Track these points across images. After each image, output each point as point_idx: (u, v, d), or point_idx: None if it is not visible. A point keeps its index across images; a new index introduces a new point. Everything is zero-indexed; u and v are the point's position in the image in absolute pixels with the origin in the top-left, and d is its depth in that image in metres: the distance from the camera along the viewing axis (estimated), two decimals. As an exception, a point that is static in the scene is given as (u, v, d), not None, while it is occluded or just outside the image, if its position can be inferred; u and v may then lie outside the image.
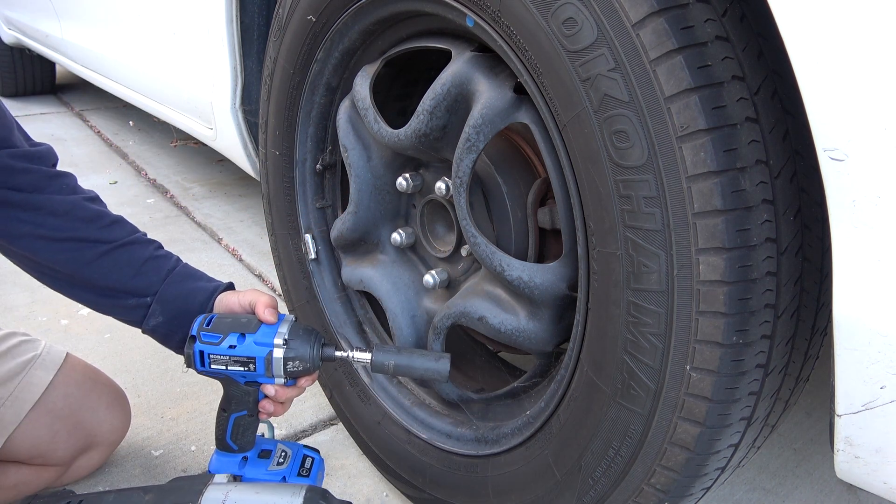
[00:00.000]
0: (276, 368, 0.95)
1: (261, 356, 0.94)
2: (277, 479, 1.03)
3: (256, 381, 0.98)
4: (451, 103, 0.91)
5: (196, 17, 1.59)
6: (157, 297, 1.04)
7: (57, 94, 4.30)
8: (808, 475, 1.29)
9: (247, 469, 1.04)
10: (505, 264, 0.88)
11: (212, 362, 0.96)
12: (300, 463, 1.07)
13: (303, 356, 0.95)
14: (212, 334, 0.95)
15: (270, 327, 0.96)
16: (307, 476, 1.05)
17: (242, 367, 0.95)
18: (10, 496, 1.13)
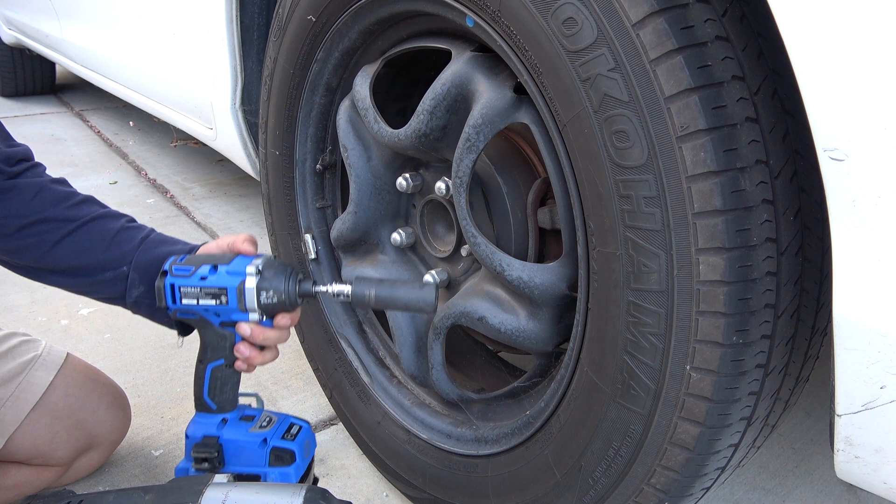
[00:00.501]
0: (249, 300, 0.90)
1: (232, 286, 0.89)
2: (258, 442, 0.95)
3: (231, 318, 0.92)
4: (451, 103, 0.91)
5: (196, 18, 1.59)
6: (132, 265, 1.00)
7: (57, 94, 4.30)
8: (808, 475, 1.29)
9: (225, 430, 0.97)
10: (505, 264, 0.88)
11: (183, 296, 0.91)
12: (286, 429, 0.99)
13: (277, 287, 0.90)
14: (184, 267, 0.91)
15: (245, 258, 0.91)
16: (292, 440, 0.97)
17: (214, 300, 0.90)
18: (11, 496, 1.13)
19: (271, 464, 0.96)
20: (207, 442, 0.95)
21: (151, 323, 1.04)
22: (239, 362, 0.96)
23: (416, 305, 0.88)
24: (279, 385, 1.54)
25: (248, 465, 0.96)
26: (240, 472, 0.95)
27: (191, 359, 1.64)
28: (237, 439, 0.96)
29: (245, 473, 0.95)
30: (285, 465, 0.96)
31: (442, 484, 1.07)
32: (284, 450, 0.96)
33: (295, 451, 0.96)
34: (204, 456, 0.94)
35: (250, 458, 0.96)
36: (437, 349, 1.03)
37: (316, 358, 1.32)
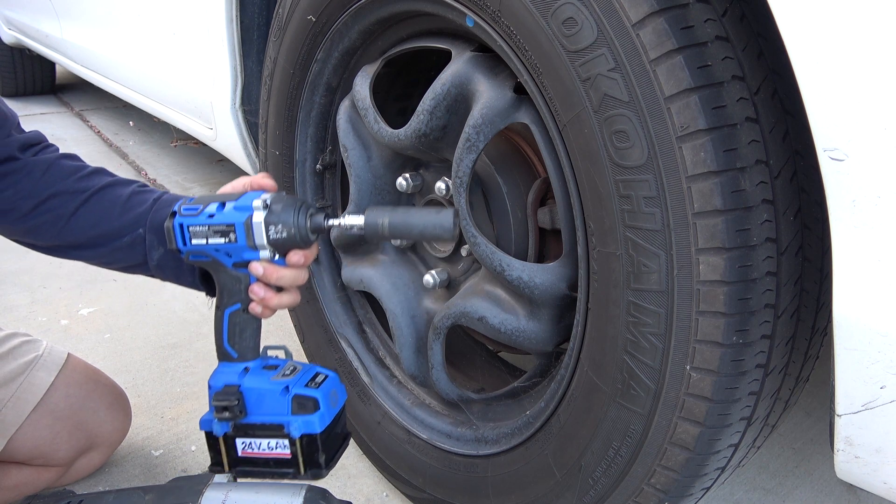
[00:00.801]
0: (258, 235, 0.86)
1: (240, 221, 0.85)
2: (279, 389, 0.91)
3: (243, 258, 0.89)
4: (450, 103, 0.91)
5: (196, 18, 1.59)
6: (147, 226, 0.98)
7: (57, 94, 4.30)
8: (808, 475, 1.29)
9: (247, 378, 0.92)
10: (505, 264, 0.88)
11: (192, 236, 0.87)
12: (310, 377, 0.93)
13: (286, 221, 0.85)
14: (192, 207, 0.88)
15: (254, 193, 0.88)
16: (316, 388, 0.91)
17: (223, 237, 0.87)
18: (11, 496, 1.13)
19: (293, 412, 0.91)
20: (228, 390, 0.91)
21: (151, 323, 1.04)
22: (254, 305, 0.92)
23: (433, 232, 0.82)
24: (279, 385, 1.54)
25: (269, 414, 0.91)
26: (262, 421, 0.91)
27: (191, 359, 1.64)
28: (258, 387, 0.91)
29: (269, 423, 0.91)
30: (308, 413, 0.91)
31: (442, 484, 1.08)
32: (307, 397, 0.91)
33: (318, 398, 0.90)
34: (224, 404, 0.90)
35: (272, 406, 0.91)
36: (437, 349, 1.04)
37: (316, 358, 1.32)
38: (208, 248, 0.88)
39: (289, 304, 0.93)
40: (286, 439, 0.91)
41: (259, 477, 0.95)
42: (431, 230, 0.82)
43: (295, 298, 0.94)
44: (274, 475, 0.94)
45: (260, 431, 0.92)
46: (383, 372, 1.23)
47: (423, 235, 0.83)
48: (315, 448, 0.92)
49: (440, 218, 0.81)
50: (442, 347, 1.03)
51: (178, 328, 1.77)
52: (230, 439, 0.92)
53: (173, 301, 1.90)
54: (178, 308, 1.87)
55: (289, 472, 0.93)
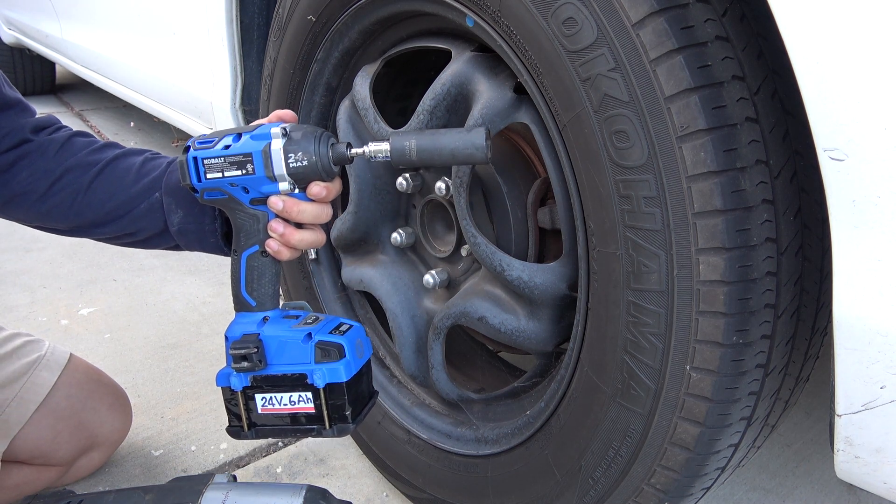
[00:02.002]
0: (277, 165, 0.81)
1: (257, 150, 0.81)
2: (301, 336, 0.85)
3: (261, 192, 0.84)
4: (451, 103, 0.91)
5: (196, 17, 1.60)
6: (163, 189, 0.96)
7: (57, 94, 4.30)
8: (808, 475, 1.29)
9: (266, 327, 0.87)
10: (505, 264, 0.88)
11: (207, 170, 0.83)
12: (335, 326, 0.88)
13: (306, 148, 0.80)
14: (207, 139, 0.84)
15: (267, 125, 0.83)
16: (341, 335, 0.86)
17: (240, 169, 0.82)
18: (12, 496, 1.13)
19: (318, 360, 0.85)
20: (247, 339, 0.86)
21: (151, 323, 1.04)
22: (273, 242, 0.86)
23: (465, 152, 0.77)
24: (279, 385, 1.54)
25: (291, 363, 0.86)
26: (283, 371, 0.86)
27: (191, 358, 1.64)
28: (279, 335, 0.86)
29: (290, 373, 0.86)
30: (333, 360, 0.85)
31: (442, 484, 1.08)
32: (332, 343, 0.85)
33: (344, 345, 0.85)
34: (242, 352, 0.85)
35: (294, 354, 0.86)
36: (437, 349, 1.04)
37: (316, 358, 1.32)
38: (224, 182, 0.83)
39: (310, 242, 0.87)
40: (310, 391, 0.86)
41: (281, 436, 0.89)
42: (463, 150, 0.77)
43: (317, 237, 0.88)
44: (297, 433, 0.88)
45: (281, 384, 0.86)
46: (383, 372, 1.23)
47: (454, 157, 0.78)
48: (341, 399, 0.85)
49: (471, 137, 0.76)
50: (442, 347, 1.03)
51: (178, 328, 1.77)
52: (249, 395, 0.87)
53: (173, 301, 1.90)
54: (178, 308, 1.87)
55: (313, 428, 0.87)
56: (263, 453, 1.34)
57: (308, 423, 0.86)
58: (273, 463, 1.31)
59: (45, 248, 2.19)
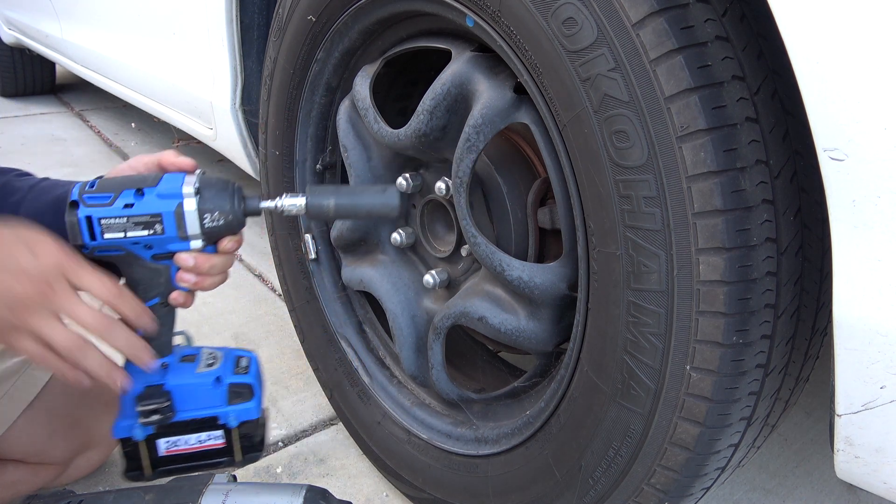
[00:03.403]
0: (191, 225, 0.77)
1: (168, 211, 0.76)
2: (210, 381, 0.86)
3: (167, 249, 0.79)
4: (451, 103, 0.91)
5: (196, 18, 1.59)
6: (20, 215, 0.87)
7: (57, 94, 4.30)
8: (808, 475, 1.29)
9: (170, 377, 0.85)
10: (505, 264, 0.88)
11: (105, 230, 0.76)
12: (235, 363, 0.89)
13: (222, 207, 0.78)
14: (100, 195, 0.76)
15: (174, 176, 0.78)
16: (246, 374, 0.88)
17: (146, 229, 0.77)
18: (9, 494, 1.13)
19: (230, 402, 0.87)
20: (152, 392, 0.84)
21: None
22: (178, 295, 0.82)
23: (379, 211, 0.81)
24: (279, 385, 1.54)
25: (203, 408, 0.86)
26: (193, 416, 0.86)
27: (191, 359, 1.64)
28: (187, 383, 0.85)
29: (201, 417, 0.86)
30: (246, 401, 0.87)
31: (442, 484, 1.07)
32: (242, 384, 0.87)
33: (252, 384, 0.87)
34: (152, 408, 0.83)
35: (205, 399, 0.86)
36: (437, 349, 1.04)
37: (316, 358, 1.32)
38: (125, 241, 0.77)
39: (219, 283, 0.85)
40: (220, 430, 0.87)
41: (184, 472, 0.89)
42: (378, 210, 0.81)
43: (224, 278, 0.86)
44: (204, 467, 0.88)
45: (190, 427, 0.86)
46: (383, 372, 1.23)
47: (369, 215, 0.82)
48: (252, 432, 0.89)
49: (386, 196, 0.80)
50: (442, 347, 1.03)
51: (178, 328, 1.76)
52: (152, 441, 0.85)
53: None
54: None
55: (222, 460, 0.88)
56: (263, 453, 1.34)
57: (218, 456, 0.87)
58: (273, 463, 1.31)
59: (45, 248, 2.19)
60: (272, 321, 1.79)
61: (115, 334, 0.77)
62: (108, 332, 0.77)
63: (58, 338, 0.73)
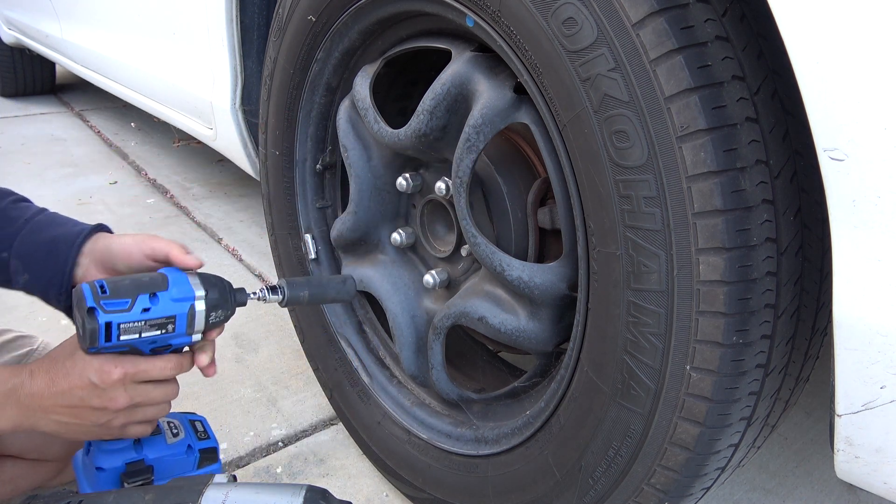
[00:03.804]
0: (199, 323, 0.85)
1: (182, 312, 0.83)
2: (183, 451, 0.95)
3: (167, 343, 0.86)
4: (451, 103, 0.91)
5: (196, 18, 1.59)
6: (12, 251, 0.91)
7: (57, 94, 4.30)
8: (808, 475, 1.29)
9: (147, 451, 0.92)
10: (505, 264, 0.88)
11: (122, 333, 0.81)
12: (193, 428, 0.99)
13: (223, 305, 0.87)
14: (117, 301, 0.80)
15: (180, 280, 0.85)
16: (207, 438, 0.98)
17: (159, 329, 0.83)
18: (7, 491, 1.13)
19: (200, 466, 0.97)
20: (135, 468, 0.92)
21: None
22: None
23: (342, 298, 1.01)
24: (279, 385, 1.54)
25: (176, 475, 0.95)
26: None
27: (191, 359, 1.64)
28: (164, 455, 0.94)
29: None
30: (213, 463, 0.98)
31: (442, 484, 1.07)
32: (208, 449, 0.98)
33: (216, 447, 0.98)
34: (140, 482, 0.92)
35: (180, 467, 0.96)
36: (437, 349, 1.04)
37: (316, 358, 1.32)
38: (137, 341, 0.83)
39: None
40: None
41: None
42: (341, 297, 1.01)
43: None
44: None
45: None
46: (383, 372, 1.23)
47: (335, 300, 1.02)
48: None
49: (346, 287, 1.01)
50: (442, 347, 1.03)
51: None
52: None
53: (173, 301, 1.90)
54: (178, 308, 1.86)
55: None
56: (263, 453, 1.34)
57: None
58: (273, 463, 1.31)
59: (45, 248, 2.19)
60: (272, 321, 1.79)
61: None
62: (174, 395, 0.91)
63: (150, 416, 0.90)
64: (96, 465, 0.92)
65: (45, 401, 0.84)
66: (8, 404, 0.84)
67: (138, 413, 0.87)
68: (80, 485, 0.94)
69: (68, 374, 0.84)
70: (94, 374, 0.83)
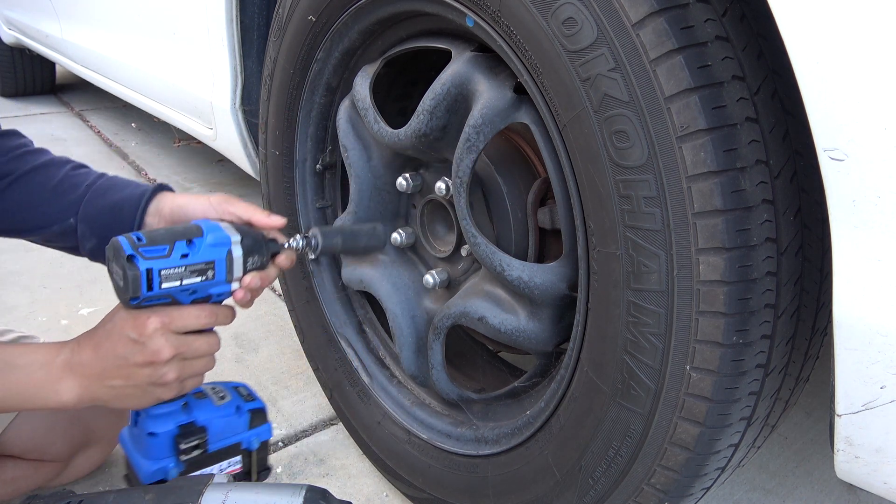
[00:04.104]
0: (237, 269, 0.85)
1: (221, 258, 0.83)
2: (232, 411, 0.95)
3: (207, 293, 0.86)
4: (450, 103, 0.91)
5: (196, 17, 1.60)
6: (79, 217, 0.93)
7: (57, 94, 4.30)
8: (808, 475, 1.29)
9: (197, 412, 0.93)
10: (505, 264, 0.88)
11: (163, 280, 0.80)
12: (238, 393, 0.99)
13: (259, 250, 0.87)
14: (155, 247, 0.80)
15: (214, 227, 0.85)
16: (254, 401, 0.98)
17: (199, 276, 0.82)
18: (9, 491, 1.13)
19: (251, 426, 0.97)
20: (190, 430, 0.92)
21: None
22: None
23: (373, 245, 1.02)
24: (279, 385, 1.54)
25: (229, 437, 0.95)
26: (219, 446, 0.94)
27: (191, 359, 1.64)
28: (216, 416, 0.94)
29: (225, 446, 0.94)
30: (263, 423, 0.98)
31: (442, 484, 1.07)
32: (257, 409, 0.97)
33: (264, 408, 0.98)
34: (194, 444, 0.91)
35: (231, 429, 0.95)
36: (437, 349, 1.04)
37: (316, 358, 1.32)
38: (177, 289, 0.82)
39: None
40: (239, 455, 0.96)
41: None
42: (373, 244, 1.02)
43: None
44: None
45: (216, 458, 0.94)
46: (383, 372, 1.23)
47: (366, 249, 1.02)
48: (266, 452, 0.99)
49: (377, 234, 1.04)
50: (442, 347, 1.03)
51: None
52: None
53: (173, 301, 1.90)
54: (178, 308, 1.86)
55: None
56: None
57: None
58: (273, 463, 1.31)
59: (45, 249, 2.19)
60: (272, 321, 1.79)
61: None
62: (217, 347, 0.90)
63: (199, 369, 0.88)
64: (148, 432, 0.90)
65: (95, 367, 0.84)
66: (66, 376, 0.84)
67: (186, 366, 0.86)
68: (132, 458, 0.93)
69: (109, 336, 0.84)
70: (131, 329, 0.82)
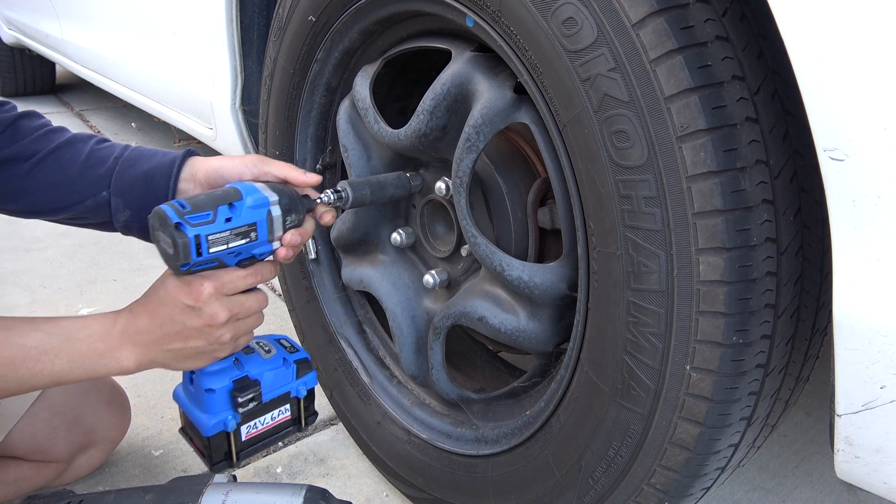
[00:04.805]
0: (277, 228, 0.87)
1: (262, 219, 0.85)
2: (280, 363, 0.99)
3: (252, 254, 0.87)
4: (450, 103, 0.91)
5: (196, 18, 1.60)
6: (111, 189, 0.94)
7: (57, 94, 4.30)
8: (808, 475, 1.29)
9: (248, 367, 0.96)
10: (505, 264, 0.88)
11: (211, 245, 0.81)
12: (282, 346, 1.02)
13: (296, 207, 0.89)
14: (200, 214, 0.81)
15: (251, 189, 0.86)
16: (297, 351, 1.02)
17: (244, 238, 0.84)
18: (10, 492, 1.13)
19: (299, 376, 1.01)
20: (244, 383, 0.95)
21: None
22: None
23: (400, 193, 1.01)
24: (279, 385, 1.54)
25: (279, 388, 0.99)
26: (271, 397, 0.98)
27: (191, 359, 1.63)
28: (266, 370, 0.97)
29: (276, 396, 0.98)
30: (309, 371, 1.02)
31: (442, 484, 1.07)
32: (302, 359, 1.01)
33: (308, 357, 1.01)
34: (250, 396, 0.95)
35: (280, 379, 0.99)
36: (437, 349, 1.04)
37: (316, 358, 1.32)
38: (223, 252, 0.84)
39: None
40: (288, 403, 1.00)
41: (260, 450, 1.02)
42: (400, 192, 1.01)
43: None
44: (275, 441, 1.01)
45: (268, 408, 0.98)
46: (383, 372, 1.23)
47: (392, 198, 1.01)
48: (312, 399, 1.04)
49: (401, 182, 1.01)
50: (442, 347, 1.03)
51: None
52: (237, 430, 0.95)
53: (173, 301, 1.90)
54: (178, 308, 1.86)
55: (289, 430, 1.02)
56: (263, 453, 1.34)
57: (285, 428, 1.01)
58: (273, 463, 1.31)
59: (45, 249, 2.19)
60: (272, 321, 1.79)
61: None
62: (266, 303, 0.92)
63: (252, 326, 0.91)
64: (205, 388, 0.93)
65: (153, 334, 0.85)
66: (124, 344, 0.85)
67: (240, 326, 0.88)
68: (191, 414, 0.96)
69: (163, 303, 0.85)
70: (187, 296, 0.84)
